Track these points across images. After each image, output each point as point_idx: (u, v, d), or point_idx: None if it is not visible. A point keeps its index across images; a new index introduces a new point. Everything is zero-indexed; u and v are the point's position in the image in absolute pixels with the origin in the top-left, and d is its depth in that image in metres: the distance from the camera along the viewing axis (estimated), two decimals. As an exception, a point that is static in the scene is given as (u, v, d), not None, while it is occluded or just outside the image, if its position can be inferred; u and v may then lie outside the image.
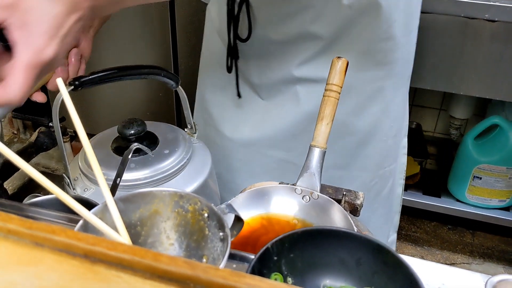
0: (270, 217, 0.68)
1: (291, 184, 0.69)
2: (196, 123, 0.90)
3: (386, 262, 0.52)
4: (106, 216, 0.49)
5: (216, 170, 1.06)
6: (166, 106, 1.79)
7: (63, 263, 0.34)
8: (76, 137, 1.71)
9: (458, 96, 1.68)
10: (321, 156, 0.69)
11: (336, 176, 0.96)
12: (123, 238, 0.48)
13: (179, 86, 0.83)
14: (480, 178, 1.67)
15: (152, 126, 0.86)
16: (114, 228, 0.48)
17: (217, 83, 1.00)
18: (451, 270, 0.62)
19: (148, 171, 0.78)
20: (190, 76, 1.68)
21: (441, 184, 1.80)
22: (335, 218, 0.64)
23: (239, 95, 0.97)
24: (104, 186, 0.50)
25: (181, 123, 1.80)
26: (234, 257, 0.56)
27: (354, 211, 0.71)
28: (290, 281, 0.53)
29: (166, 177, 0.80)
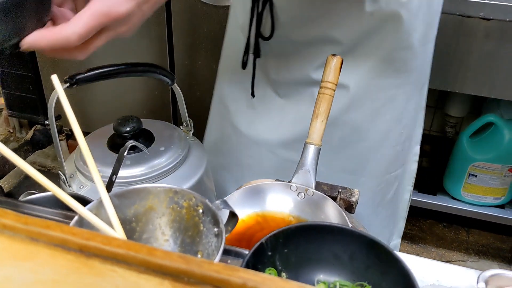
0: (265, 214, 0.68)
1: (287, 181, 0.70)
2: (212, 117, 0.89)
3: (379, 256, 0.52)
4: (101, 212, 0.50)
5: (227, 165, 1.06)
6: (162, 104, 1.79)
7: (58, 258, 0.34)
8: (72, 135, 1.71)
9: (454, 94, 1.68)
10: (316, 153, 0.69)
11: (343, 180, 0.96)
12: (118, 234, 0.48)
13: (175, 84, 0.83)
14: (475, 176, 1.68)
15: (148, 124, 0.86)
16: (109, 224, 0.49)
17: (236, 79, 1.00)
18: (446, 267, 0.62)
19: (143, 168, 0.79)
20: (186, 74, 1.68)
21: (436, 182, 1.80)
22: (330, 214, 0.65)
23: (253, 95, 0.97)
24: (99, 182, 0.50)
25: (177, 121, 1.80)
26: (229, 252, 0.56)
27: (349, 208, 0.71)
28: (284, 276, 0.53)
29: (162, 174, 0.80)
